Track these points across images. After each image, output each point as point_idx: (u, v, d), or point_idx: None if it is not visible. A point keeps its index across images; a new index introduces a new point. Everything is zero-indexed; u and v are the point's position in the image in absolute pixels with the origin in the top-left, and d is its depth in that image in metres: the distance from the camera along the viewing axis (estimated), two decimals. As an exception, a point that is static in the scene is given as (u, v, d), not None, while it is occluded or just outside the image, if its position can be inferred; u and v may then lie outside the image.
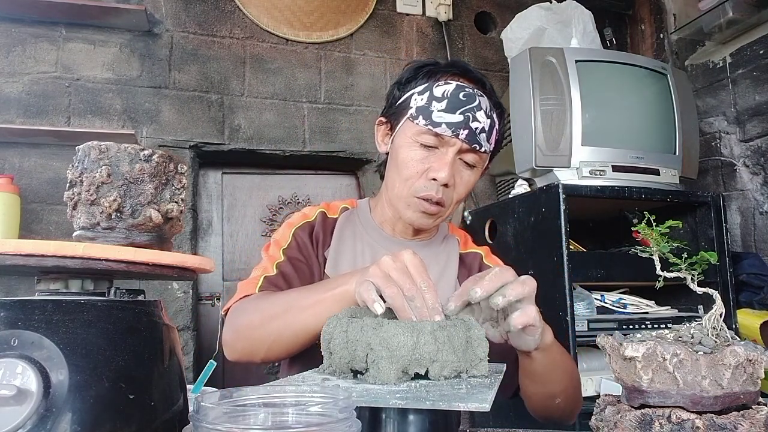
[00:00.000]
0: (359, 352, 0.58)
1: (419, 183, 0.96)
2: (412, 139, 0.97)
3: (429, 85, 0.96)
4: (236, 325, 0.89)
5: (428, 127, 0.94)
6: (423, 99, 0.95)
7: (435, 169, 0.94)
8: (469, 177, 0.99)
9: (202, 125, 2.26)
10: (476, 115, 0.93)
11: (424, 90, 0.96)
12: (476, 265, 1.10)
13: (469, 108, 0.93)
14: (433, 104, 0.94)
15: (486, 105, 0.95)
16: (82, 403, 0.43)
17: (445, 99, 0.93)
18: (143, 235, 0.55)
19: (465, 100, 0.93)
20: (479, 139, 0.94)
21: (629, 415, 0.52)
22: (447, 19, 2.60)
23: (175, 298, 2.15)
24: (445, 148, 0.95)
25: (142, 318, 0.51)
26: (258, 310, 0.87)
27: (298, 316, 0.81)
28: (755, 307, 2.03)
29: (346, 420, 0.39)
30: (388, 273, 0.67)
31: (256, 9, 2.38)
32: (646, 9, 2.79)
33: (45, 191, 2.05)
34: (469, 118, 0.93)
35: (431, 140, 0.95)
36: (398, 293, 0.65)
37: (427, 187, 0.95)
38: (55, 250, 0.47)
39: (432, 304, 0.66)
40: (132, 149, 0.55)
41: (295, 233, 1.05)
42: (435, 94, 0.94)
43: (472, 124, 0.93)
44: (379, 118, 1.07)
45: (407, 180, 0.97)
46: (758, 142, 2.23)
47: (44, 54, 2.11)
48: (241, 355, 0.88)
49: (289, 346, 0.84)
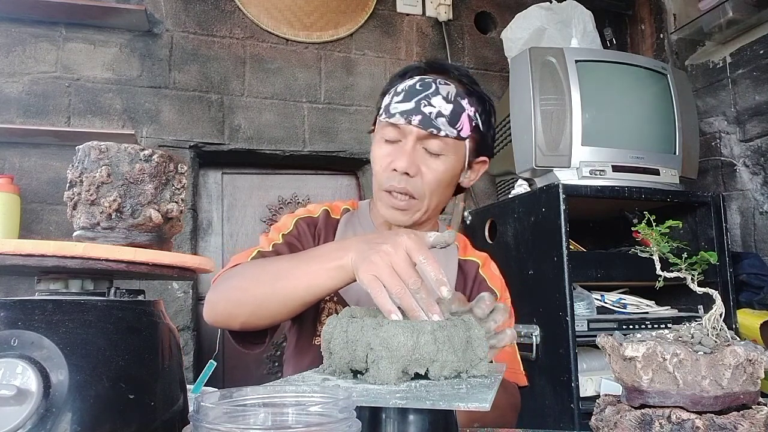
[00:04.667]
0: (359, 352, 0.58)
1: (384, 176, 0.98)
2: (379, 137, 0.99)
3: (396, 85, 0.99)
4: (222, 286, 0.88)
5: (386, 120, 0.96)
6: (388, 98, 0.98)
7: (395, 159, 0.96)
8: (437, 165, 0.97)
9: (202, 125, 2.26)
10: (431, 100, 0.93)
11: (391, 90, 0.98)
12: (472, 274, 1.10)
13: (424, 95, 0.94)
14: (393, 99, 0.96)
15: (448, 91, 0.95)
16: (82, 403, 0.43)
17: (403, 92, 0.95)
18: (143, 235, 0.55)
19: (420, 89, 0.94)
20: (436, 123, 0.93)
21: (629, 415, 0.52)
22: (447, 19, 2.60)
23: (175, 298, 2.15)
24: (404, 139, 0.96)
25: (142, 318, 0.51)
26: (246, 274, 0.86)
27: (287, 284, 0.79)
28: (755, 307, 2.03)
29: (346, 420, 0.39)
30: (393, 265, 0.66)
31: (256, 9, 2.38)
32: (646, 9, 2.79)
33: (45, 191, 2.05)
34: (422, 104, 0.93)
35: (392, 134, 0.97)
36: (405, 291, 0.64)
37: (390, 179, 0.97)
38: (55, 250, 0.47)
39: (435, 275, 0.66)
40: (132, 149, 0.55)
41: (297, 222, 1.06)
42: (398, 90, 0.97)
43: (425, 109, 0.93)
44: (371, 127, 1.09)
45: (376, 175, 1.00)
46: (758, 142, 2.23)
47: (44, 54, 2.11)
48: (220, 316, 0.87)
49: (274, 314, 0.82)
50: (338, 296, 1.02)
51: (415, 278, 0.65)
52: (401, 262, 0.66)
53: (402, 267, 0.66)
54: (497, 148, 2.30)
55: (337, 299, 1.02)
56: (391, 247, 0.68)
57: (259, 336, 0.94)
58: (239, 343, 0.93)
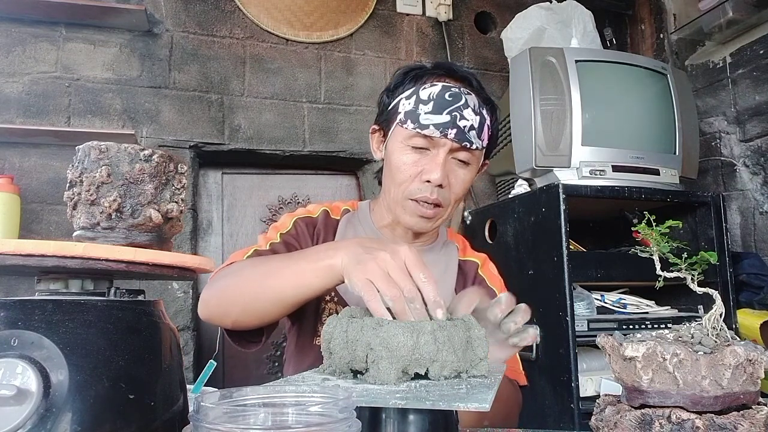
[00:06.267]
0: (359, 352, 0.58)
1: (413, 186, 0.97)
2: (403, 144, 0.98)
3: (416, 89, 0.97)
4: (215, 284, 0.88)
5: (417, 130, 0.94)
6: (410, 103, 0.96)
7: (428, 170, 0.95)
8: (464, 175, 0.99)
9: (202, 125, 2.26)
10: (463, 113, 0.93)
11: (411, 94, 0.97)
12: (472, 274, 1.11)
13: (455, 107, 0.93)
14: (420, 107, 0.95)
15: (474, 102, 0.95)
16: (82, 403, 0.43)
17: (432, 101, 0.94)
18: (143, 235, 0.55)
19: (451, 100, 0.94)
20: (469, 136, 0.94)
21: (629, 415, 0.52)
22: (447, 19, 2.60)
23: (175, 298, 2.15)
24: (436, 150, 0.95)
25: (142, 318, 0.51)
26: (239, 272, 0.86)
27: (276, 283, 0.78)
28: (755, 307, 2.03)
29: (346, 420, 0.39)
30: (388, 272, 0.65)
31: (256, 9, 2.38)
32: (646, 9, 2.79)
33: (45, 191, 2.05)
34: (457, 117, 0.93)
35: (421, 142, 0.96)
36: (400, 296, 0.63)
37: (421, 189, 0.96)
38: (55, 250, 0.47)
39: (433, 297, 0.64)
40: (132, 149, 0.55)
41: (296, 222, 1.06)
42: (421, 96, 0.95)
43: (460, 123, 0.93)
44: (372, 126, 1.08)
45: (401, 184, 0.98)
46: (758, 142, 2.23)
47: (44, 54, 2.11)
48: (213, 313, 0.88)
49: (263, 312, 0.82)
50: (338, 296, 1.02)
51: (410, 287, 0.64)
52: (398, 271, 0.65)
53: (398, 275, 0.64)
54: (497, 148, 2.31)
55: (337, 299, 1.02)
56: (389, 254, 0.66)
57: (256, 335, 0.94)
58: (235, 341, 0.94)
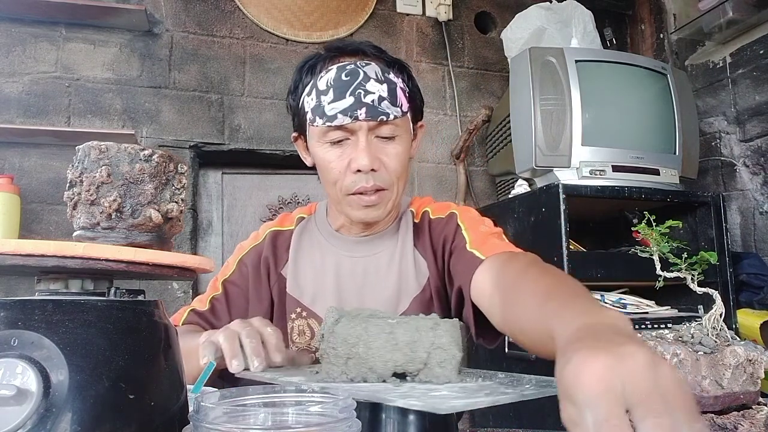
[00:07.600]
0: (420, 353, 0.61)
1: (347, 180, 0.93)
2: (321, 142, 0.94)
3: (313, 81, 0.93)
4: None
5: (327, 125, 0.90)
6: (312, 98, 0.92)
7: (354, 160, 0.91)
8: (395, 149, 0.94)
9: (202, 125, 2.26)
10: (366, 87, 0.88)
11: (311, 89, 0.93)
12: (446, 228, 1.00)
13: (356, 84, 0.88)
14: (321, 99, 0.90)
15: (375, 71, 0.90)
16: (82, 403, 0.43)
17: (330, 87, 0.89)
18: (143, 235, 0.55)
19: (348, 79, 0.89)
20: (381, 108, 0.89)
21: (629, 415, 0.51)
22: (447, 19, 2.60)
23: (175, 298, 2.15)
24: (354, 136, 0.91)
25: (142, 318, 0.50)
26: None
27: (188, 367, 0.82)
28: (755, 307, 2.03)
29: (346, 420, 0.39)
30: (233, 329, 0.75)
31: (256, 9, 2.38)
32: (646, 9, 2.79)
33: (45, 191, 2.05)
34: (361, 94, 0.88)
35: (338, 135, 0.91)
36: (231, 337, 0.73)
37: (356, 181, 0.92)
38: (55, 250, 0.47)
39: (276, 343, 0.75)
40: (132, 149, 0.55)
41: (240, 263, 1.06)
42: (320, 87, 0.91)
43: (366, 99, 0.88)
44: (293, 134, 1.04)
45: (335, 183, 0.94)
46: (758, 142, 2.23)
47: (44, 54, 2.11)
48: None
49: None
50: (307, 311, 1.00)
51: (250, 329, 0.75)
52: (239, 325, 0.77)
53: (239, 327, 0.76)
54: (497, 148, 2.31)
55: (306, 314, 1.00)
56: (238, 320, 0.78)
57: None
58: None
